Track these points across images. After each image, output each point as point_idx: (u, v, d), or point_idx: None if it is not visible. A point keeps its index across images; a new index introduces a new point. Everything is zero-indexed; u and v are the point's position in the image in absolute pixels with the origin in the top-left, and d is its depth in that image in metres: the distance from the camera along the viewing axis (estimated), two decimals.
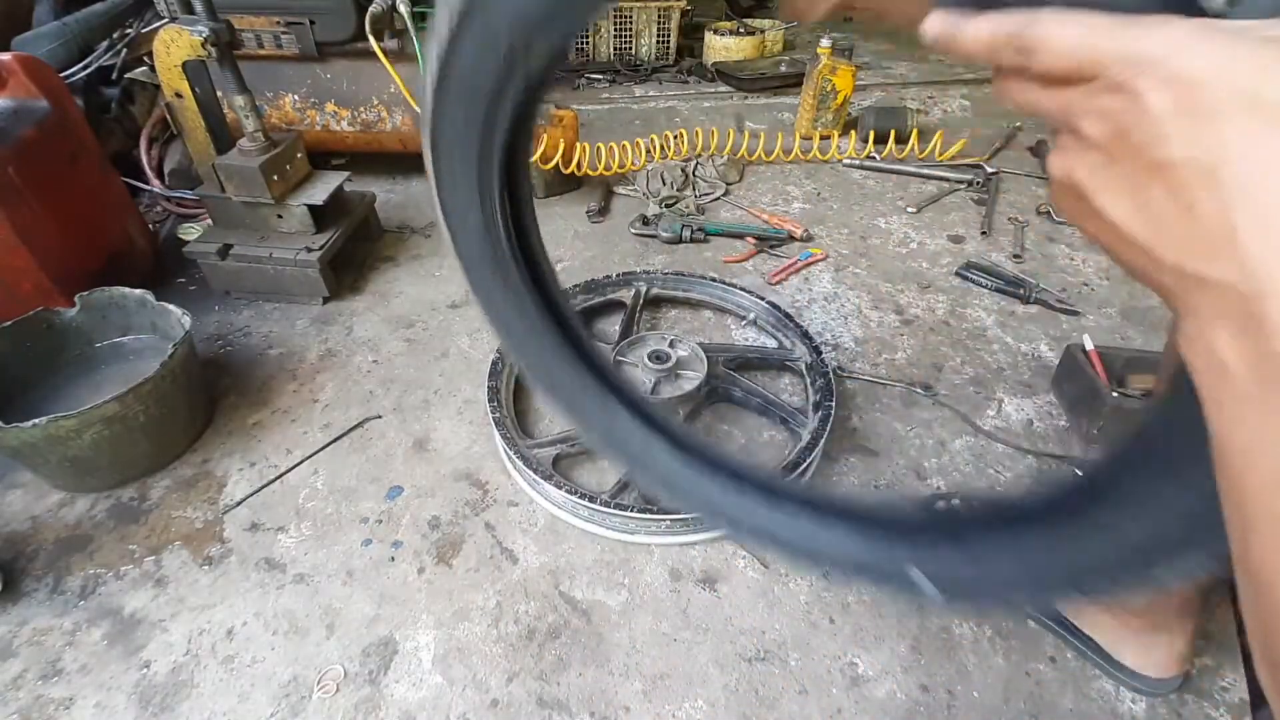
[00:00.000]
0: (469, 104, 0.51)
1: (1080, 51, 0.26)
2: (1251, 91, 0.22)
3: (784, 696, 0.82)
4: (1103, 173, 0.27)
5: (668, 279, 1.42)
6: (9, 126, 1.19)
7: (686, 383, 1.14)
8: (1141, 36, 0.24)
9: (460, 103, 0.51)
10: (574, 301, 1.34)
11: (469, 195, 0.58)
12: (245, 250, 1.39)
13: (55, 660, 0.85)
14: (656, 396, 1.11)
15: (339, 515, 1.03)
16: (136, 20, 1.71)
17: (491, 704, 0.81)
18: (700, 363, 1.16)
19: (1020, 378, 1.26)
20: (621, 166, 1.82)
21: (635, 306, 1.35)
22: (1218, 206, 0.23)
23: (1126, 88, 0.25)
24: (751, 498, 0.65)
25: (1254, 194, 0.22)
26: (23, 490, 1.07)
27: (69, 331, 1.17)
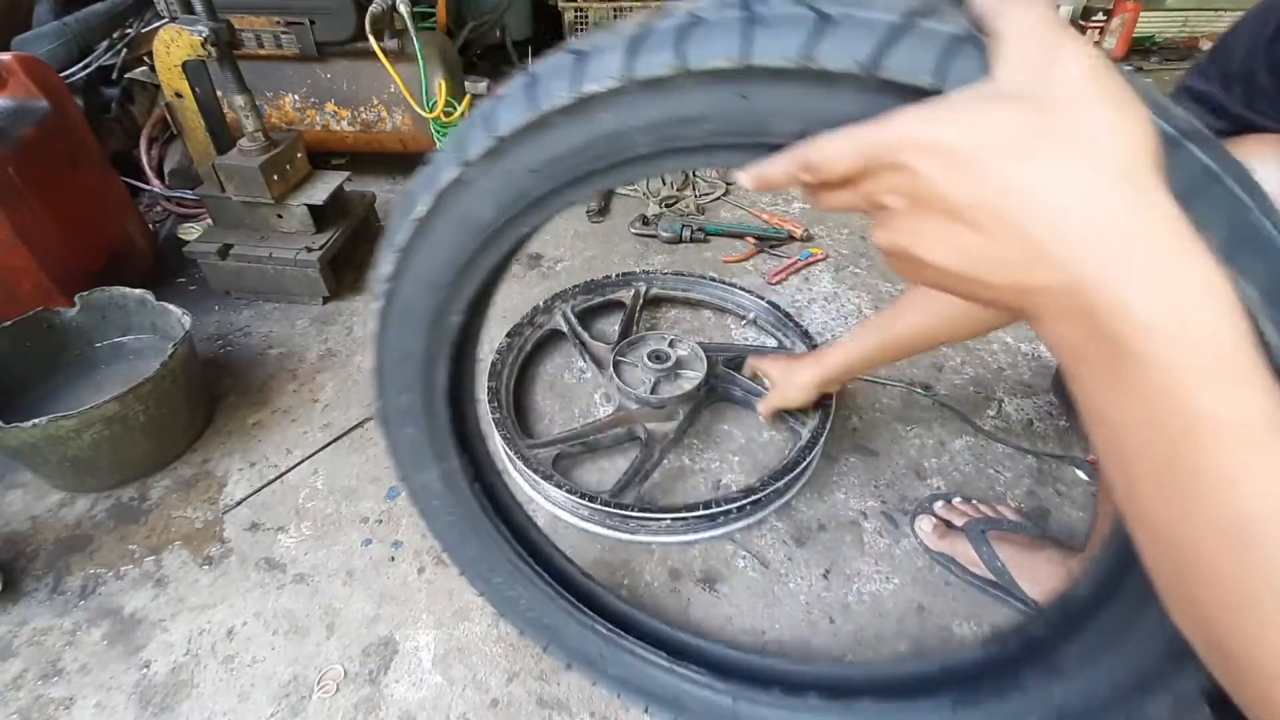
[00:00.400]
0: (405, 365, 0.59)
1: (853, 154, 0.32)
2: (991, 139, 0.28)
3: None
4: (914, 234, 0.32)
5: (667, 279, 1.42)
6: (9, 126, 1.19)
7: (686, 382, 1.14)
8: (892, 124, 0.30)
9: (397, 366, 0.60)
10: (573, 302, 1.34)
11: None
12: (245, 250, 1.39)
13: (55, 660, 0.85)
14: (656, 396, 1.11)
15: (339, 515, 1.03)
16: (136, 20, 1.71)
17: (491, 704, 0.81)
18: (700, 362, 1.16)
19: (1020, 378, 1.26)
20: None
21: (635, 306, 1.35)
22: (1013, 230, 0.28)
23: (900, 166, 0.30)
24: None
25: (1035, 211, 0.27)
26: (23, 490, 1.07)
27: (69, 331, 1.17)
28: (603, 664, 0.78)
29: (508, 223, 0.48)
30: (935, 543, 0.95)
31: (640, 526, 0.97)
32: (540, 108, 0.40)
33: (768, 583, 0.94)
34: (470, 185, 0.47)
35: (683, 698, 0.75)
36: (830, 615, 0.90)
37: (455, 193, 0.47)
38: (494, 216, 0.48)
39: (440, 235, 0.50)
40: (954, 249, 0.31)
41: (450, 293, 0.54)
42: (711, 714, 0.74)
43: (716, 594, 0.92)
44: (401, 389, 0.63)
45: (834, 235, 1.69)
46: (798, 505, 1.03)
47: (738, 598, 0.92)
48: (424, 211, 0.49)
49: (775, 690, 0.72)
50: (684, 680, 0.75)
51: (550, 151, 0.43)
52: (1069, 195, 0.27)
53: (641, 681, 0.77)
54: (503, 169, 0.45)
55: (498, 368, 1.18)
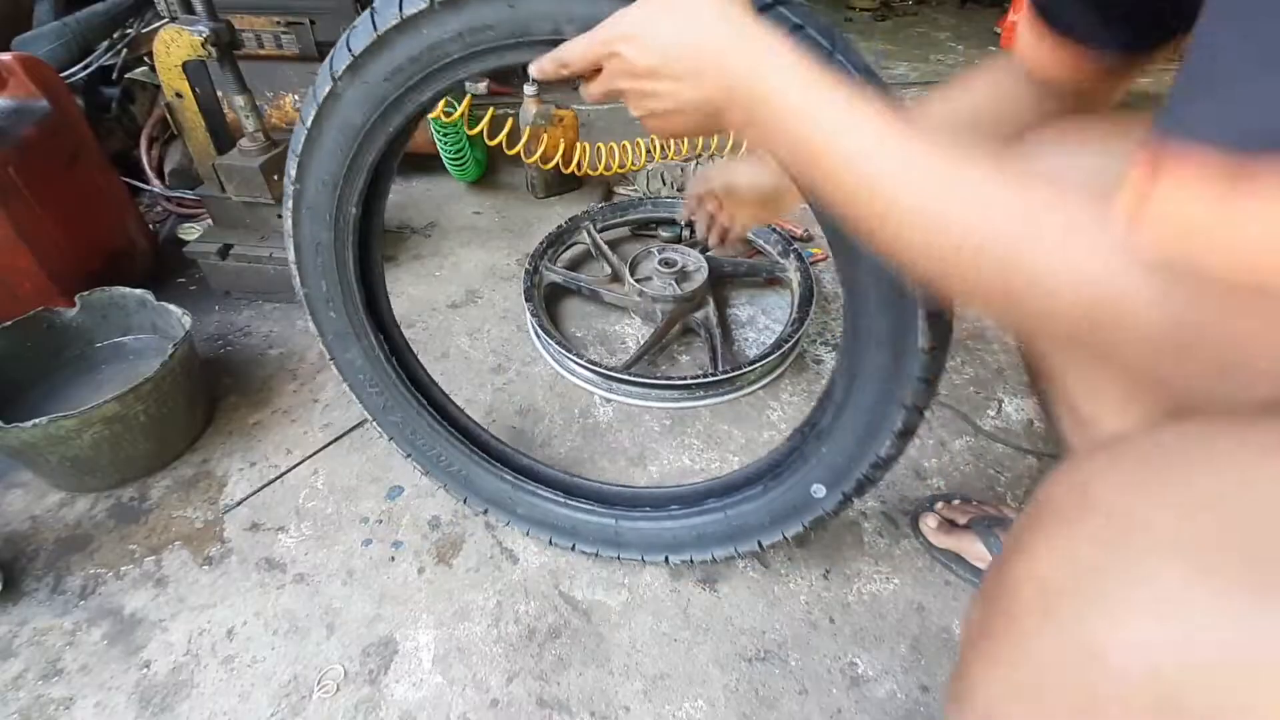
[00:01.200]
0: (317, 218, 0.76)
1: (584, 50, 0.50)
2: (650, 21, 0.47)
3: (784, 696, 0.82)
4: (644, 99, 0.49)
5: (659, 202, 1.66)
6: (9, 126, 1.19)
7: (698, 277, 1.37)
8: (603, 28, 0.49)
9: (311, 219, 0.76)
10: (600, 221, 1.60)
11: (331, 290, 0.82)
12: (245, 250, 1.39)
13: (55, 660, 0.85)
14: (673, 292, 1.32)
15: (339, 515, 1.03)
16: (136, 20, 1.71)
17: (491, 704, 0.81)
18: (700, 262, 1.39)
19: (1020, 378, 1.26)
20: (621, 166, 1.82)
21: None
22: (683, 67, 0.46)
23: (615, 54, 0.48)
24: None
25: (685, 52, 0.46)
26: (23, 490, 1.07)
27: (69, 331, 1.17)
28: (512, 505, 0.96)
29: (374, 124, 0.66)
30: (941, 540, 0.95)
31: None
32: (379, 29, 0.59)
33: (768, 583, 0.93)
34: (341, 96, 0.65)
35: (578, 526, 0.94)
36: (830, 615, 0.90)
37: (331, 104, 0.66)
38: (363, 119, 0.66)
39: (326, 140, 0.69)
40: (670, 100, 0.48)
41: (343, 188, 0.72)
42: (600, 534, 0.93)
43: (717, 594, 0.92)
44: (319, 276, 0.81)
45: None
46: None
47: (738, 598, 0.92)
48: (310, 121, 0.67)
49: (645, 508, 0.92)
50: (577, 512, 0.94)
51: (393, 62, 0.61)
52: (694, 32, 0.45)
53: (544, 517, 0.95)
54: (361, 80, 0.63)
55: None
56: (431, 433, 0.93)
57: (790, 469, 0.79)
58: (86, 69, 1.61)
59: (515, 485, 0.95)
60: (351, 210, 0.73)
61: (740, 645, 0.87)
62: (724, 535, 0.86)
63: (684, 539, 0.89)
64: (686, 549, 0.89)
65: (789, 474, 0.79)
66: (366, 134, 0.67)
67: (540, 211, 1.79)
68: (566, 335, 1.38)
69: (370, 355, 0.87)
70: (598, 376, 1.22)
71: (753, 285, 1.51)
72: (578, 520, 0.94)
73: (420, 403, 0.91)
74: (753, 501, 0.83)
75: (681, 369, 1.30)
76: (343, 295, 0.81)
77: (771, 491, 0.81)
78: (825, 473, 0.75)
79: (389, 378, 0.89)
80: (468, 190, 1.88)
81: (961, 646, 0.44)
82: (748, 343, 1.36)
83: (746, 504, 0.84)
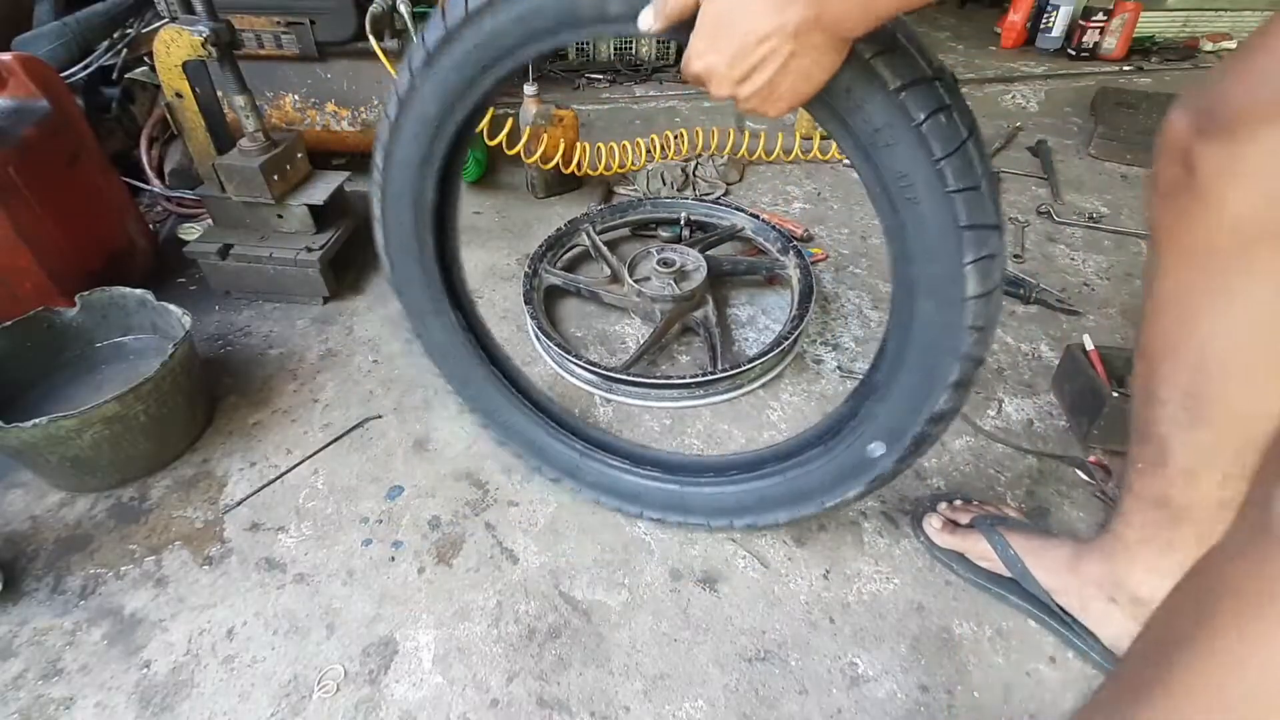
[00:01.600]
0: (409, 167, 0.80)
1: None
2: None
3: (784, 696, 0.82)
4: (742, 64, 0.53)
5: (659, 203, 1.66)
6: (9, 126, 1.19)
7: (696, 276, 1.37)
8: None
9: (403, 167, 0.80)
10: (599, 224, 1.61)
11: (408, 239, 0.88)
12: (245, 250, 1.39)
13: (55, 660, 0.85)
14: (673, 292, 1.32)
15: (339, 515, 1.03)
16: (136, 20, 1.71)
17: (491, 704, 0.81)
18: (699, 260, 1.39)
19: (1020, 378, 1.26)
20: (622, 166, 1.82)
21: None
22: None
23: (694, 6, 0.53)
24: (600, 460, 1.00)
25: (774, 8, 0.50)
26: (23, 490, 1.07)
27: (69, 331, 1.17)
28: (581, 474, 1.01)
29: (446, 113, 0.74)
30: (945, 540, 0.94)
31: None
32: (449, 25, 0.67)
33: (768, 583, 0.94)
34: (418, 89, 0.73)
35: (643, 493, 0.98)
36: (830, 615, 0.90)
37: (410, 98, 0.73)
38: (436, 110, 0.74)
39: (406, 131, 0.76)
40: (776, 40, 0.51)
41: (421, 172, 0.79)
42: (666, 500, 0.97)
43: (717, 594, 0.92)
44: (404, 258, 0.89)
45: (834, 235, 1.69)
46: None
47: (738, 598, 0.92)
48: (394, 115, 0.75)
49: (709, 474, 0.95)
50: (642, 479, 0.98)
51: (459, 53, 0.68)
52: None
53: (612, 485, 1.00)
54: (434, 71, 0.71)
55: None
56: (506, 404, 1.01)
57: (848, 429, 0.79)
58: (86, 69, 1.61)
59: (583, 454, 1.00)
60: (429, 196, 0.82)
61: (740, 645, 0.87)
62: (785, 498, 0.87)
63: (747, 502, 0.91)
64: (749, 513, 0.90)
65: (847, 434, 0.79)
66: (439, 124, 0.75)
67: (540, 211, 1.79)
68: (566, 336, 1.38)
69: (448, 330, 0.96)
70: (597, 377, 1.22)
71: (752, 284, 1.51)
72: (643, 487, 0.98)
73: (496, 375, 1.00)
74: (812, 463, 0.84)
75: (681, 369, 1.30)
76: (423, 275, 0.90)
77: (831, 453, 0.82)
78: (882, 430, 0.75)
79: (465, 349, 0.97)
80: (468, 190, 1.88)
81: None
82: (747, 342, 1.36)
83: (806, 465, 0.85)
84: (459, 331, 0.96)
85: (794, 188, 1.91)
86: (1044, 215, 1.74)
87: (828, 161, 2.02)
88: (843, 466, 0.81)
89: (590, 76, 2.70)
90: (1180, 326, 0.65)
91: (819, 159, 2.01)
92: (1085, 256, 1.59)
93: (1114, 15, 2.63)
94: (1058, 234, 1.67)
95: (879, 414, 0.75)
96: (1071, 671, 0.84)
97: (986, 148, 0.60)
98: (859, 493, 0.80)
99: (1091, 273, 1.54)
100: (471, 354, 0.98)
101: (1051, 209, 1.74)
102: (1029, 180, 1.91)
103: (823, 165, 2.02)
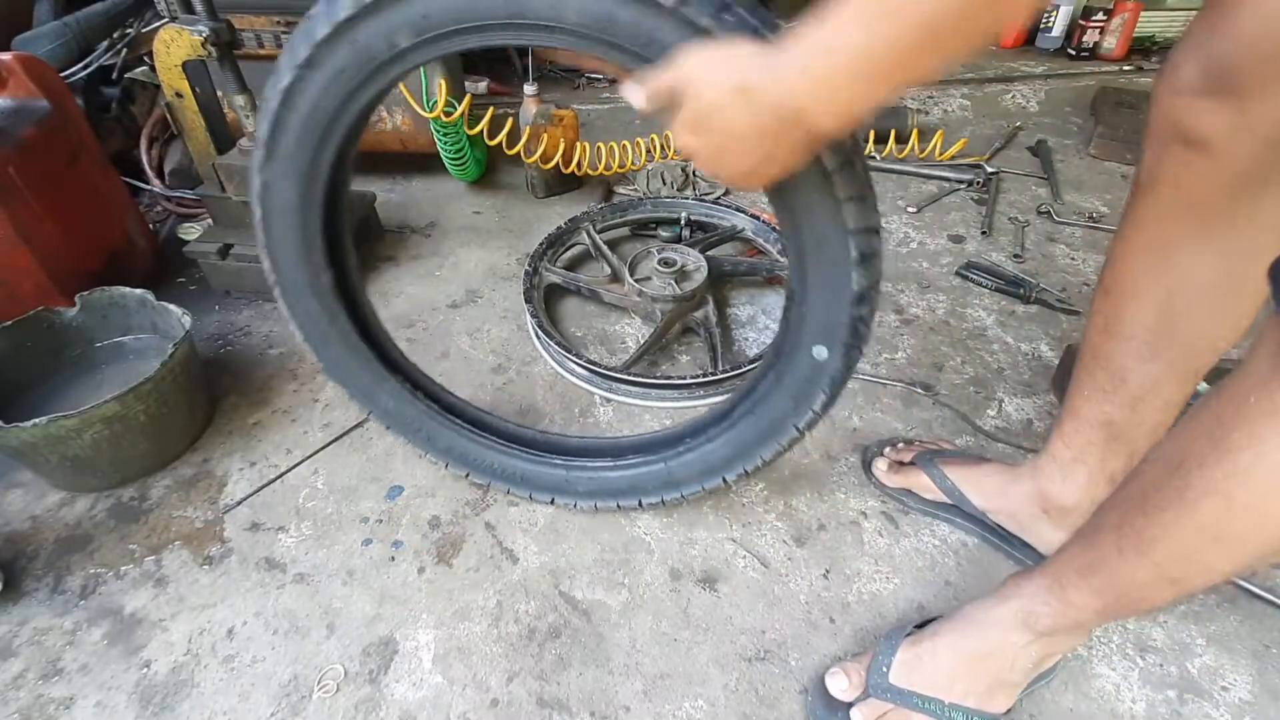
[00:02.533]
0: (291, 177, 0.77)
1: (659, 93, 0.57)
2: (704, 67, 0.54)
3: (784, 696, 0.82)
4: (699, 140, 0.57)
5: (659, 202, 1.66)
6: (9, 126, 1.19)
7: (697, 276, 1.36)
8: (671, 70, 0.55)
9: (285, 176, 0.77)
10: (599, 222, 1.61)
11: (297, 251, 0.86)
12: (245, 250, 1.39)
13: (55, 660, 0.85)
14: (673, 292, 1.31)
15: (339, 515, 1.03)
16: (136, 20, 1.71)
17: (491, 703, 0.81)
18: (699, 259, 1.38)
19: (1020, 378, 1.26)
20: (621, 166, 1.82)
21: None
22: (751, 105, 0.51)
23: (678, 98, 0.55)
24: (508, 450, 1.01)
25: (750, 98, 0.51)
26: (23, 490, 1.07)
27: (69, 331, 1.17)
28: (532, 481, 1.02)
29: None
30: (892, 480, 1.02)
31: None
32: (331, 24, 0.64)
33: (768, 582, 0.94)
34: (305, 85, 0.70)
35: (637, 483, 0.98)
36: (830, 615, 0.90)
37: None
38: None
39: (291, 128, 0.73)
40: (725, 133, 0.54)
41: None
42: (662, 479, 0.96)
43: (717, 594, 0.92)
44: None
45: None
46: (797, 505, 1.03)
47: (738, 598, 0.92)
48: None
49: (687, 441, 0.94)
50: (631, 469, 0.97)
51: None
52: (741, 75, 0.51)
53: (601, 485, 0.99)
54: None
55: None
56: (389, 391, 0.98)
57: (788, 346, 0.79)
58: (86, 69, 1.61)
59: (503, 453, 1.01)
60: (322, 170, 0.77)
61: (740, 645, 0.87)
62: (762, 436, 0.86)
63: (729, 455, 0.90)
64: (737, 462, 0.89)
65: (788, 351, 0.79)
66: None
67: (540, 211, 1.79)
68: (566, 335, 1.38)
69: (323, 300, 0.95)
70: (598, 377, 1.22)
71: (752, 284, 1.51)
72: (636, 475, 0.97)
73: (369, 355, 0.97)
74: (769, 389, 0.83)
75: (681, 369, 1.30)
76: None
77: (781, 372, 0.81)
78: (818, 333, 0.75)
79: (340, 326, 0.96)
80: (468, 190, 1.88)
81: None
82: (748, 342, 1.36)
83: (765, 396, 0.84)
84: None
85: None
86: (1044, 215, 1.74)
87: None
88: (798, 384, 0.80)
89: (590, 76, 2.70)
90: (1155, 268, 0.70)
91: None
92: (1085, 256, 1.59)
93: (1114, 15, 2.63)
94: (1058, 234, 1.67)
95: (806, 317, 0.75)
96: (1070, 671, 0.84)
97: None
98: (824, 401, 0.80)
99: (1091, 272, 1.54)
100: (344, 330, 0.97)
101: (1051, 209, 1.74)
102: (1029, 180, 1.91)
103: None
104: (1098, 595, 0.64)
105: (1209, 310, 0.69)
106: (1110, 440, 0.82)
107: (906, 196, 1.84)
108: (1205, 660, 0.84)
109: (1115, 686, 0.82)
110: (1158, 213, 0.69)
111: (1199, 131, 0.61)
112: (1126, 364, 0.75)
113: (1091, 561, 0.64)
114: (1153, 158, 0.68)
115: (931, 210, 1.79)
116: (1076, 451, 0.85)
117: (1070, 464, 0.85)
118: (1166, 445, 0.57)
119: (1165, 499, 0.54)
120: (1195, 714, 0.79)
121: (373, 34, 0.64)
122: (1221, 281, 0.67)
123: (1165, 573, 0.57)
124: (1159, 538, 0.55)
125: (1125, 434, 0.80)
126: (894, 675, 0.75)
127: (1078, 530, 0.69)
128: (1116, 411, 0.79)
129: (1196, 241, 0.67)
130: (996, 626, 0.73)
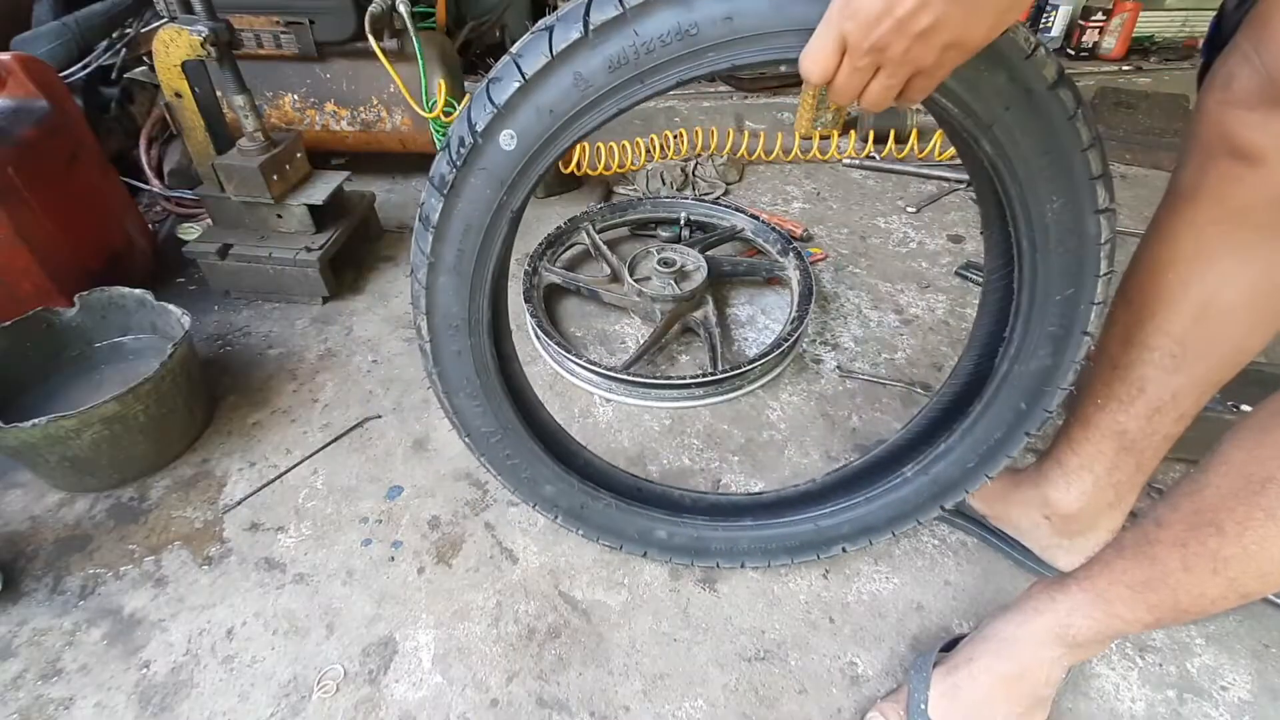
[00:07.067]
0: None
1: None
2: None
3: (784, 696, 0.82)
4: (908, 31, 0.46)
5: (659, 202, 1.66)
6: (9, 126, 1.19)
7: (696, 276, 1.36)
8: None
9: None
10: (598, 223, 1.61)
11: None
12: (245, 250, 1.39)
13: (55, 660, 0.85)
14: (673, 291, 1.31)
15: (339, 515, 1.03)
16: (136, 20, 1.71)
17: (491, 703, 0.81)
18: (698, 259, 1.39)
19: None
20: (621, 166, 1.82)
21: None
22: None
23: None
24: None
25: None
26: (23, 490, 1.07)
27: (69, 331, 1.17)
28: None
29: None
30: None
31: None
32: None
33: (767, 582, 0.94)
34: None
35: (840, 527, 0.90)
36: (830, 615, 0.90)
37: None
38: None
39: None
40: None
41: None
42: (866, 523, 0.89)
43: (716, 594, 0.92)
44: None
45: (834, 235, 1.69)
46: None
47: (737, 598, 0.92)
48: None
49: (888, 476, 0.88)
50: (834, 515, 0.90)
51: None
52: None
53: (781, 537, 0.92)
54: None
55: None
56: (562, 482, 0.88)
57: (980, 404, 0.77)
58: (86, 69, 1.61)
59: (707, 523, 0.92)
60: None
61: (740, 645, 0.87)
62: (970, 460, 0.81)
63: (933, 491, 0.84)
64: (949, 494, 0.83)
65: (980, 409, 0.77)
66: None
67: (540, 211, 1.79)
68: (566, 335, 1.38)
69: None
70: (597, 377, 1.22)
71: (752, 285, 1.51)
72: (841, 520, 0.90)
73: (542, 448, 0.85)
74: (990, 400, 0.77)
75: (681, 369, 1.30)
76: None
77: (1006, 375, 0.75)
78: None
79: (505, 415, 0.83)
80: None
81: None
82: (747, 342, 1.36)
83: (984, 411, 0.78)
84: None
85: (793, 188, 1.91)
86: None
87: (827, 161, 2.02)
88: (1028, 385, 0.74)
89: None
90: (1188, 280, 0.69)
91: (818, 159, 2.01)
92: None
93: (1113, 15, 2.63)
94: None
95: (1014, 375, 0.73)
96: (1070, 670, 0.84)
97: None
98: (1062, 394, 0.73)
99: None
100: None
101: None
102: None
103: (822, 165, 2.02)
104: (1152, 610, 0.63)
105: (1244, 322, 0.68)
106: (1121, 450, 0.80)
107: (906, 196, 1.84)
108: (1205, 660, 0.84)
109: (1115, 686, 0.82)
110: (1195, 224, 0.67)
111: (1253, 145, 0.59)
112: (1147, 374, 0.73)
113: (1149, 578, 0.62)
114: (1195, 169, 0.66)
115: (931, 210, 1.79)
116: (1084, 459, 0.83)
117: (1076, 471, 0.84)
118: (1234, 462, 0.57)
119: (1248, 517, 0.54)
120: (1195, 714, 0.80)
121: None
122: (1260, 293, 0.66)
123: (1239, 589, 0.57)
124: (1237, 556, 0.55)
125: (1136, 445, 0.78)
126: (933, 709, 0.74)
127: (1115, 544, 0.67)
128: (1131, 422, 0.77)
129: (1237, 254, 0.65)
130: (1030, 642, 0.72)
